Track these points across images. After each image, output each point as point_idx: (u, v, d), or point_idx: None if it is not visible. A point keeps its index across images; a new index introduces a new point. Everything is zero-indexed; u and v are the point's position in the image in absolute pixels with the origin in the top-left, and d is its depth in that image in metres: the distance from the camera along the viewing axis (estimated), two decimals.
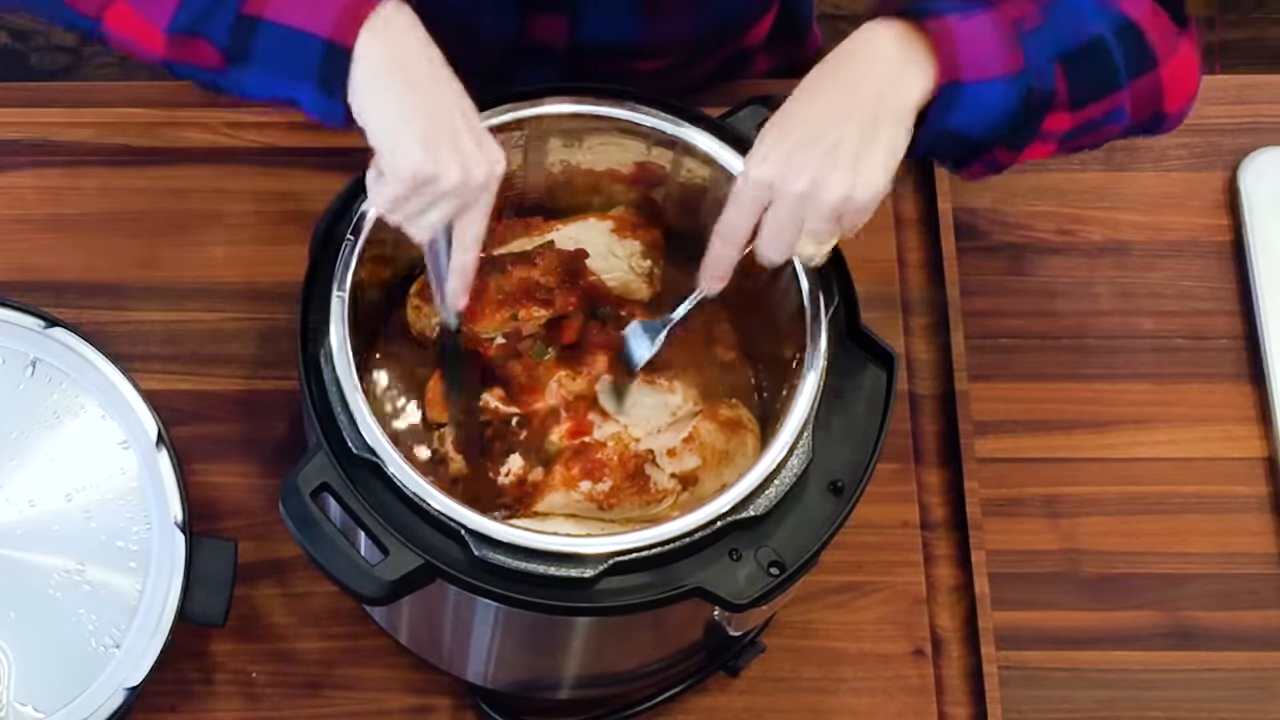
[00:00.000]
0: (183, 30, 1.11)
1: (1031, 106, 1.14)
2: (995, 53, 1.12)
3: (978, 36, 1.12)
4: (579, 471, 1.20)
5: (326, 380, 1.15)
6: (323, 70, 1.09)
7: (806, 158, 1.10)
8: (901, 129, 1.11)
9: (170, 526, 1.23)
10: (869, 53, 1.12)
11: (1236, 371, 1.46)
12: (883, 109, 1.10)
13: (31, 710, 1.20)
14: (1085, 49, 1.16)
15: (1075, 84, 1.15)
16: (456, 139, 1.09)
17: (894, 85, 1.11)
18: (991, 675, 1.34)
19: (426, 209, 1.11)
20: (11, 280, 1.43)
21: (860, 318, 1.20)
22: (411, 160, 1.08)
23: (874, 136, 1.10)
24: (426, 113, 1.09)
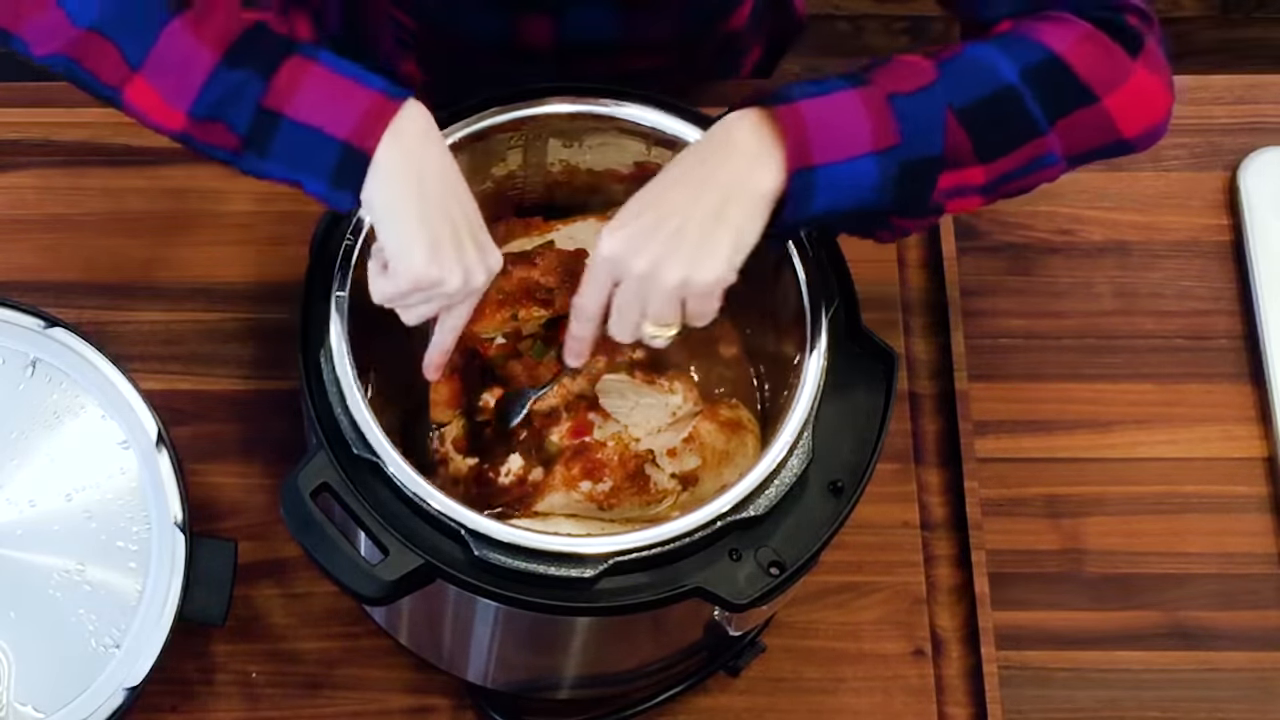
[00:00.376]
0: (204, 116, 1.12)
1: (914, 175, 1.12)
2: (858, 130, 1.11)
3: (835, 117, 1.11)
4: (579, 471, 1.20)
5: (326, 380, 1.15)
6: (338, 171, 1.11)
7: (650, 239, 1.11)
8: (751, 218, 1.11)
9: (170, 526, 1.23)
10: (725, 140, 1.12)
11: (1236, 371, 1.46)
12: (732, 197, 1.11)
13: (31, 710, 1.20)
14: (989, 101, 1.13)
15: (981, 139, 1.13)
16: (461, 248, 1.11)
17: (745, 174, 1.11)
18: (991, 675, 1.34)
19: (422, 305, 1.14)
20: (11, 280, 1.43)
21: (860, 318, 1.20)
22: (417, 267, 1.10)
23: (720, 224, 1.10)
24: (437, 222, 1.11)
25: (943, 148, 1.12)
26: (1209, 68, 1.54)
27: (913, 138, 1.12)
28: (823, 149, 1.10)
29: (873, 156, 1.11)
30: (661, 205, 1.12)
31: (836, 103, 1.11)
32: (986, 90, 1.14)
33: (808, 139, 1.10)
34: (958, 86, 1.13)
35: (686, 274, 1.10)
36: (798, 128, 1.10)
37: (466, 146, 1.23)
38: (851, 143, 1.11)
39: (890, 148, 1.11)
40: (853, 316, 1.20)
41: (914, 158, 1.12)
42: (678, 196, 1.12)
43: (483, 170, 1.27)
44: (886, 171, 1.11)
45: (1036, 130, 1.14)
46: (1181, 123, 1.52)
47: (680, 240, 1.10)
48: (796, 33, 1.66)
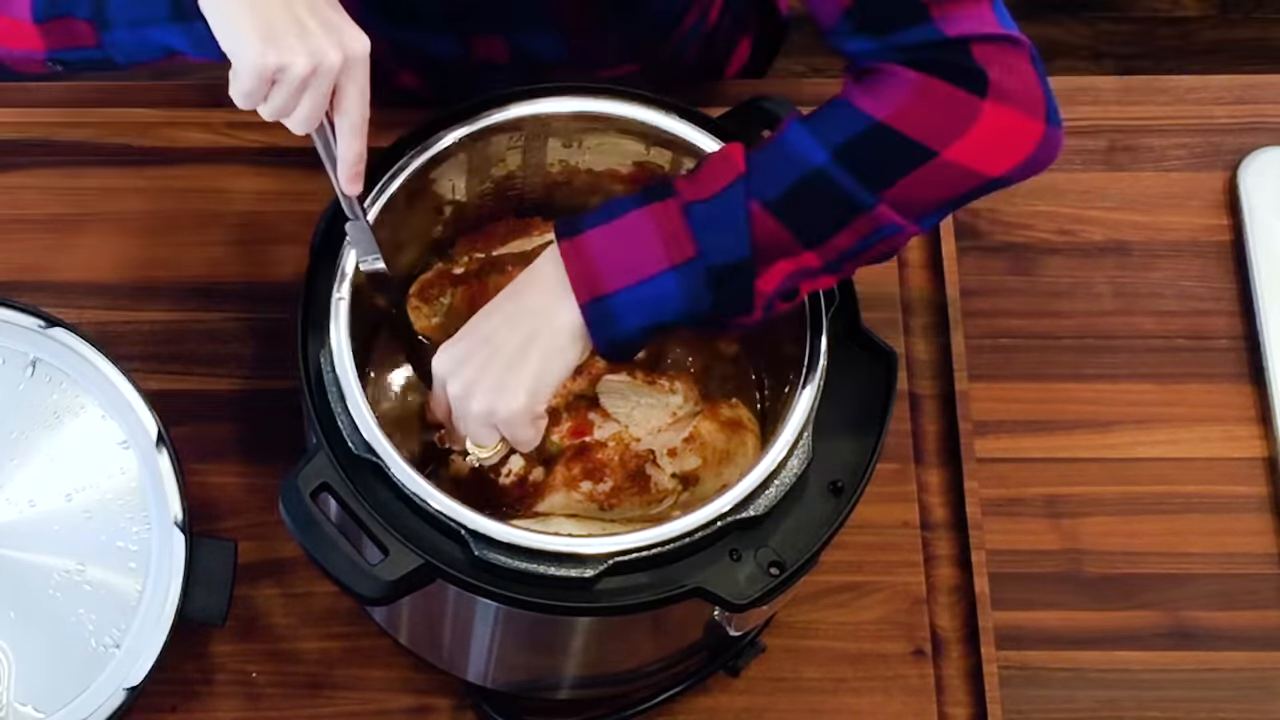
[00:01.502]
0: (47, 15, 1.12)
1: (725, 279, 1.12)
2: (649, 251, 1.11)
3: (624, 242, 1.12)
4: (580, 472, 1.20)
5: (326, 380, 1.15)
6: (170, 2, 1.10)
7: (464, 365, 1.14)
8: (555, 353, 1.13)
9: (170, 526, 1.23)
10: (537, 275, 1.15)
11: (1236, 371, 1.46)
12: (537, 332, 1.13)
13: (31, 710, 1.20)
14: (797, 188, 1.11)
15: (799, 227, 1.11)
16: (303, 29, 1.08)
17: (545, 311, 1.13)
18: (991, 675, 1.34)
19: (291, 102, 1.10)
20: (11, 280, 1.43)
21: (860, 318, 1.20)
22: (252, 55, 1.08)
23: (523, 360, 1.13)
24: (265, 8, 1.08)
25: (749, 248, 1.11)
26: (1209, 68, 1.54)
27: (712, 244, 1.11)
28: (610, 277, 1.12)
29: (671, 272, 1.11)
30: (478, 332, 1.15)
31: (625, 227, 1.12)
32: (793, 177, 1.11)
33: (595, 270, 1.12)
34: (765, 179, 1.12)
35: (490, 405, 1.13)
36: (583, 260, 1.12)
37: (466, 147, 1.23)
38: (642, 265, 1.12)
39: (688, 260, 1.11)
40: (853, 316, 1.20)
41: (719, 263, 1.11)
42: (491, 328, 1.14)
43: (482, 171, 1.27)
44: (692, 282, 1.12)
45: (860, 206, 1.11)
46: (1181, 123, 1.53)
47: (487, 372, 1.13)
48: (781, 33, 1.66)
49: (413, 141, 1.22)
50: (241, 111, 1.48)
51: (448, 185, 1.27)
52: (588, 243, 1.12)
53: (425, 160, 1.22)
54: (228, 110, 1.47)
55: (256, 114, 1.46)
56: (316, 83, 1.10)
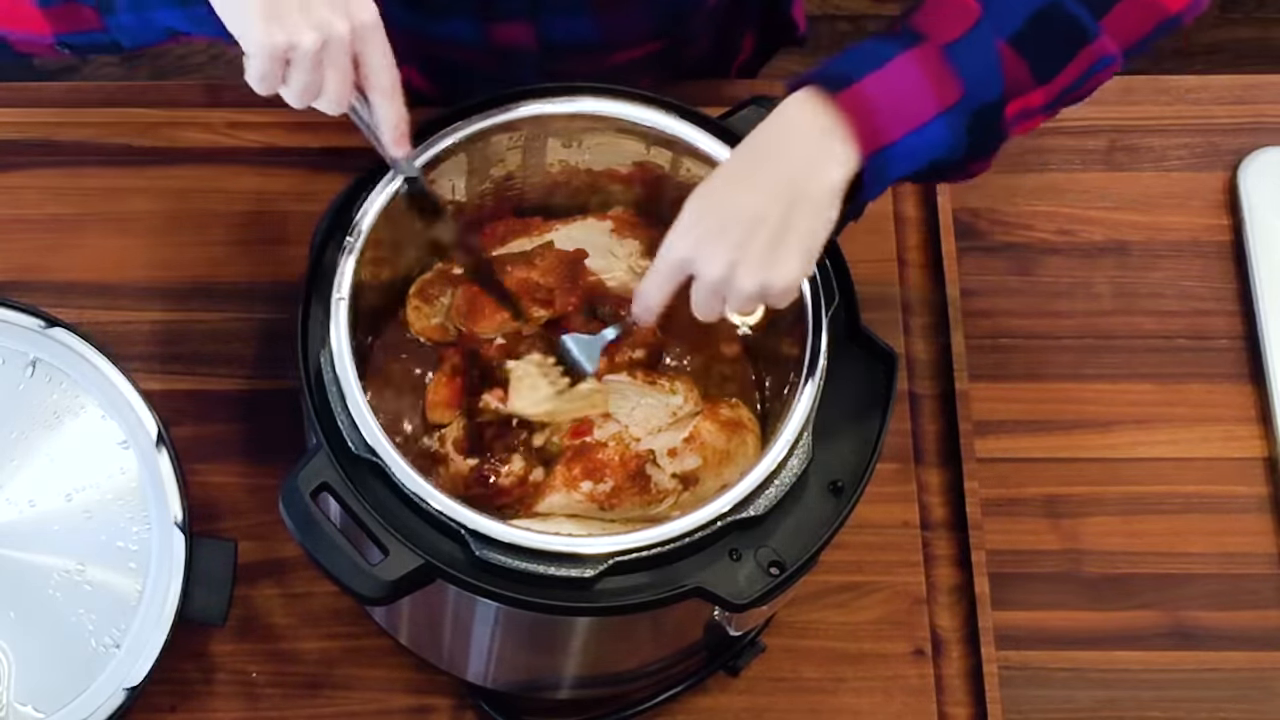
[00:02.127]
0: (53, 1, 1.12)
1: (983, 121, 1.12)
2: (925, 95, 1.10)
3: (900, 87, 1.09)
4: (580, 472, 1.20)
5: (326, 380, 1.15)
6: None
7: (718, 247, 1.09)
8: (822, 214, 1.09)
9: (170, 526, 1.23)
10: (787, 135, 1.10)
11: (1236, 371, 1.46)
12: (801, 197, 1.08)
13: (31, 710, 1.20)
14: (1036, 21, 1.12)
15: (1036, 61, 1.12)
16: (306, 4, 1.08)
17: (812, 170, 1.09)
18: (991, 675, 1.34)
19: (311, 80, 1.10)
20: (11, 280, 1.43)
21: (860, 318, 1.20)
22: (258, 34, 1.08)
23: (790, 228, 1.08)
24: None
25: (1003, 85, 1.11)
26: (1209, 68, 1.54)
27: (974, 86, 1.10)
28: (893, 125, 1.09)
29: (941, 117, 1.10)
30: (729, 207, 1.09)
31: (896, 72, 1.10)
32: (1030, 9, 1.12)
33: (876, 120, 1.08)
34: (1002, 14, 1.12)
35: (763, 280, 1.09)
36: (864, 110, 1.08)
37: (466, 147, 1.23)
38: (919, 110, 1.09)
39: (956, 103, 1.10)
40: (853, 316, 1.20)
41: (979, 105, 1.11)
42: (745, 198, 1.09)
43: (482, 171, 1.27)
44: (957, 126, 1.11)
45: (1087, 36, 1.13)
46: (1182, 123, 1.53)
47: (753, 247, 1.08)
48: (795, 43, 1.66)
49: (413, 142, 1.22)
50: (242, 111, 1.50)
51: (447, 185, 1.27)
52: (865, 92, 1.09)
53: (425, 160, 1.22)
54: (228, 110, 1.49)
55: (256, 114, 1.47)
56: (330, 56, 1.09)
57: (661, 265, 1.12)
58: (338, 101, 1.11)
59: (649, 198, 1.31)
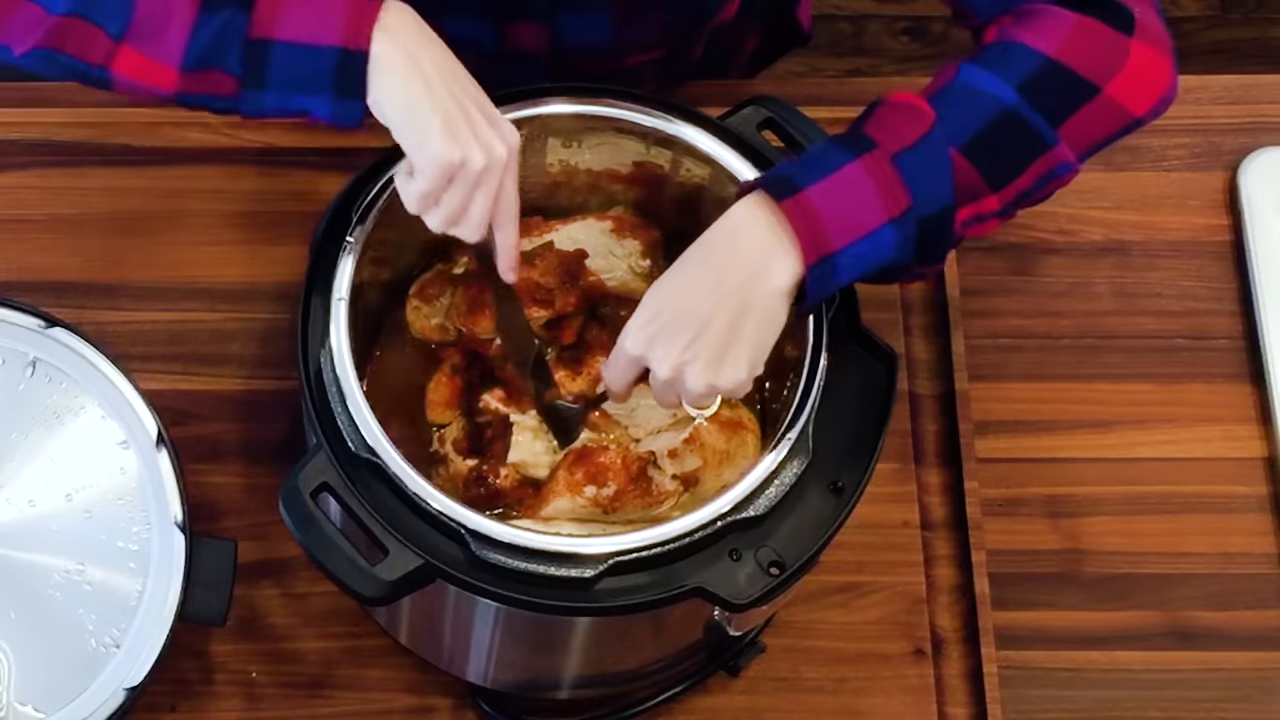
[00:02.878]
0: (196, 66, 1.12)
1: (931, 228, 1.12)
2: (871, 204, 1.10)
3: (846, 197, 1.10)
4: (583, 476, 1.20)
5: (326, 380, 1.15)
6: (339, 78, 1.11)
7: (668, 348, 1.11)
8: (771, 317, 1.11)
9: (170, 526, 1.23)
10: (735, 238, 1.12)
11: (1236, 371, 1.46)
12: (750, 301, 1.10)
13: (31, 710, 1.20)
14: (991, 130, 1.13)
15: (990, 169, 1.13)
16: (474, 124, 1.11)
17: (760, 275, 1.10)
18: (991, 675, 1.34)
19: (465, 202, 1.12)
20: (11, 280, 1.43)
21: (860, 318, 1.20)
22: (438, 151, 1.10)
23: (739, 331, 1.10)
24: (447, 104, 1.11)
25: (952, 195, 1.12)
26: (1209, 68, 1.54)
27: (923, 195, 1.11)
28: (837, 235, 1.10)
29: (889, 225, 1.11)
30: (678, 308, 1.12)
31: (843, 181, 1.11)
32: (986, 119, 1.13)
33: (820, 229, 1.10)
34: (956, 122, 1.12)
35: (710, 382, 1.11)
36: (809, 219, 1.10)
37: None
38: (865, 220, 1.10)
39: (904, 212, 1.11)
40: (853, 316, 1.20)
41: (928, 213, 1.12)
42: (693, 300, 1.11)
43: None
44: (905, 234, 1.11)
45: (1044, 145, 1.14)
46: (1181, 123, 1.53)
47: (700, 349, 1.11)
48: (800, 43, 1.66)
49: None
50: None
51: None
52: (811, 200, 1.10)
53: None
54: None
55: None
56: (489, 179, 1.11)
57: (618, 357, 1.15)
58: (479, 226, 1.13)
59: (649, 198, 1.31)
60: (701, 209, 1.28)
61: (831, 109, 1.41)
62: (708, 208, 1.27)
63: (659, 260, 1.30)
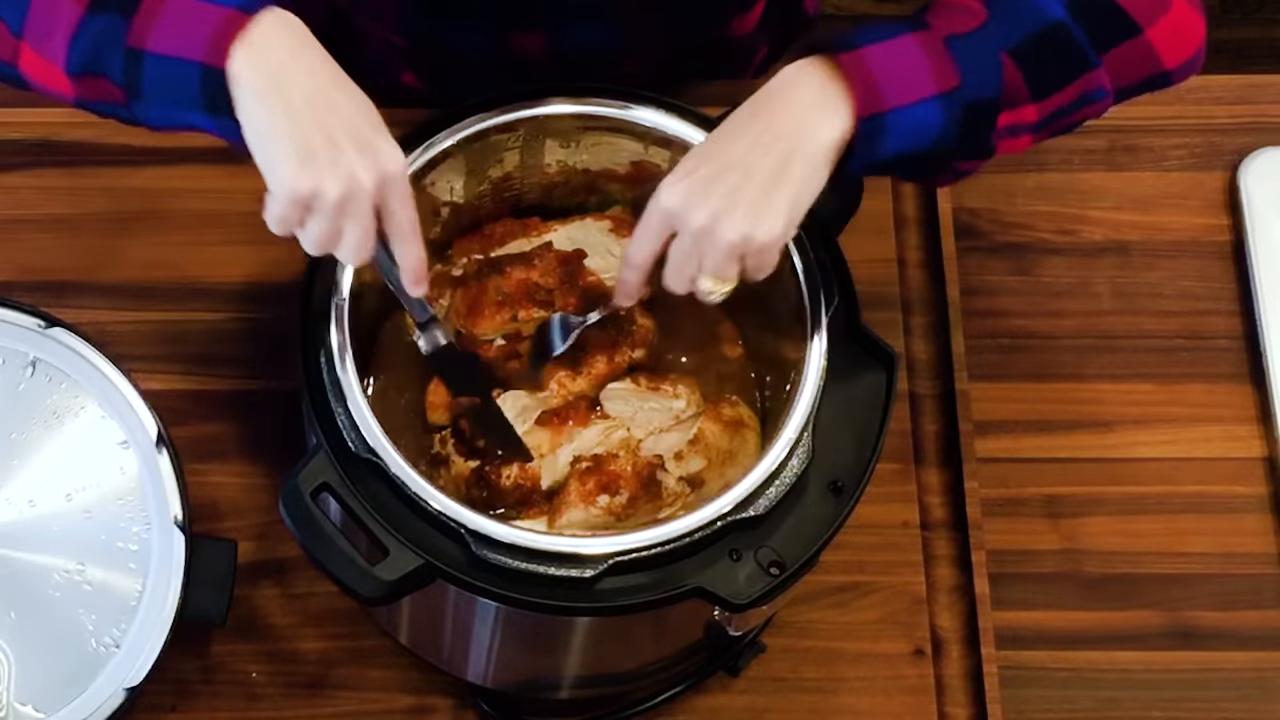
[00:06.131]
0: (81, 70, 1.09)
1: (975, 117, 1.12)
2: (922, 73, 1.10)
3: (900, 61, 1.10)
4: (594, 486, 1.20)
5: (326, 380, 1.15)
6: (205, 96, 1.08)
7: (709, 193, 1.09)
8: (814, 171, 1.10)
9: (170, 526, 1.23)
10: (785, 92, 1.11)
11: (1236, 371, 1.46)
12: (795, 151, 1.09)
13: (31, 710, 1.20)
14: (1040, 38, 1.13)
15: (1034, 76, 1.13)
16: (337, 152, 1.07)
17: (808, 126, 1.10)
18: (991, 675, 1.34)
19: (332, 230, 1.09)
20: (11, 280, 1.43)
21: (860, 318, 1.20)
22: (287, 180, 1.06)
23: (781, 179, 1.09)
24: (307, 131, 1.06)
25: (1000, 88, 1.12)
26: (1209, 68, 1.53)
27: (972, 79, 1.11)
28: (889, 94, 1.09)
29: (936, 100, 1.10)
30: (721, 158, 1.10)
31: (898, 47, 1.11)
32: (1036, 27, 1.13)
33: (873, 84, 1.09)
34: (1008, 26, 1.13)
35: (747, 231, 1.09)
36: (865, 73, 1.09)
37: (464, 148, 1.23)
38: (916, 87, 1.10)
39: (952, 89, 1.11)
40: (853, 316, 1.20)
41: (974, 99, 1.11)
42: (738, 149, 1.10)
43: (479, 172, 1.27)
44: (950, 114, 1.11)
45: (1087, 64, 1.14)
46: (1181, 123, 1.53)
47: (740, 196, 1.09)
48: (805, 27, 1.66)
49: (410, 144, 1.22)
50: None
51: (445, 187, 1.27)
52: (869, 57, 1.10)
53: (423, 163, 1.22)
54: None
55: None
56: (353, 209, 1.08)
57: (648, 217, 1.12)
58: (356, 254, 1.10)
59: (647, 197, 1.31)
60: None
61: None
62: None
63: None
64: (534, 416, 1.24)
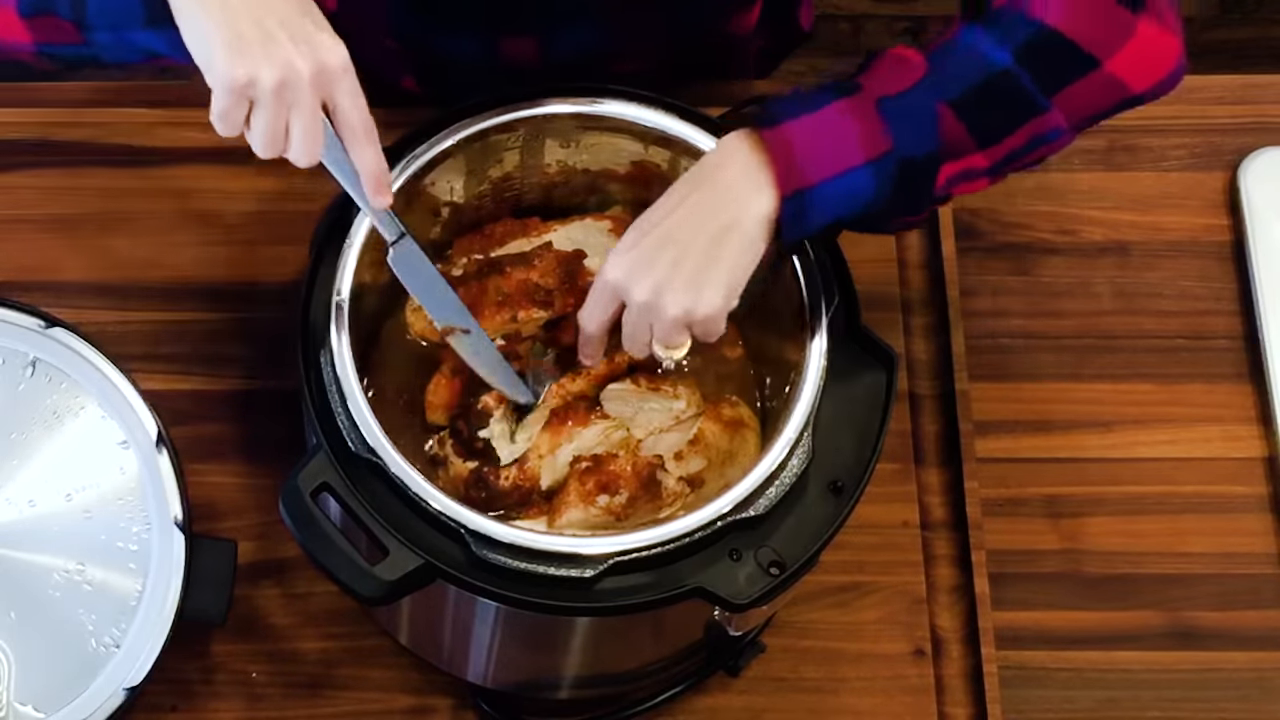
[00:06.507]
0: (32, 10, 1.11)
1: (912, 174, 1.12)
2: (849, 142, 1.11)
3: (824, 134, 1.11)
4: (594, 486, 1.20)
5: (326, 380, 1.15)
6: (146, 8, 1.09)
7: (650, 268, 1.12)
8: (748, 246, 1.12)
9: (170, 526, 1.23)
10: (719, 166, 1.13)
11: (1236, 371, 1.46)
12: (729, 227, 1.11)
13: (31, 710, 1.20)
14: (982, 89, 1.13)
15: (977, 126, 1.13)
16: (270, 41, 1.07)
17: (739, 202, 1.11)
18: (991, 675, 1.34)
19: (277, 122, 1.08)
20: (11, 280, 1.43)
21: (860, 318, 1.20)
22: (220, 69, 1.07)
23: (716, 255, 1.11)
24: (236, 22, 1.07)
25: (937, 143, 1.12)
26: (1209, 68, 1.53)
27: (904, 139, 1.11)
28: (814, 168, 1.10)
29: (867, 166, 1.11)
30: (659, 232, 1.12)
31: (823, 119, 1.11)
32: (978, 77, 1.13)
33: (795, 161, 1.10)
34: (949, 78, 1.13)
35: (688, 306, 1.12)
36: (785, 150, 1.10)
37: (464, 148, 1.23)
38: (842, 156, 1.11)
39: (883, 154, 1.11)
40: (853, 316, 1.20)
41: (909, 158, 1.12)
42: (675, 224, 1.12)
43: (479, 172, 1.27)
44: (883, 176, 1.11)
45: (1035, 108, 1.14)
46: (1181, 123, 1.53)
47: (678, 271, 1.11)
48: (800, 42, 1.66)
49: (410, 144, 1.22)
50: None
51: (445, 187, 1.27)
52: (790, 133, 1.11)
53: (423, 163, 1.22)
54: None
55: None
56: (294, 98, 1.08)
57: (597, 289, 1.15)
58: (304, 149, 1.09)
59: (647, 198, 1.31)
60: None
61: None
62: None
63: None
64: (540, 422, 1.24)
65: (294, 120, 1.09)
